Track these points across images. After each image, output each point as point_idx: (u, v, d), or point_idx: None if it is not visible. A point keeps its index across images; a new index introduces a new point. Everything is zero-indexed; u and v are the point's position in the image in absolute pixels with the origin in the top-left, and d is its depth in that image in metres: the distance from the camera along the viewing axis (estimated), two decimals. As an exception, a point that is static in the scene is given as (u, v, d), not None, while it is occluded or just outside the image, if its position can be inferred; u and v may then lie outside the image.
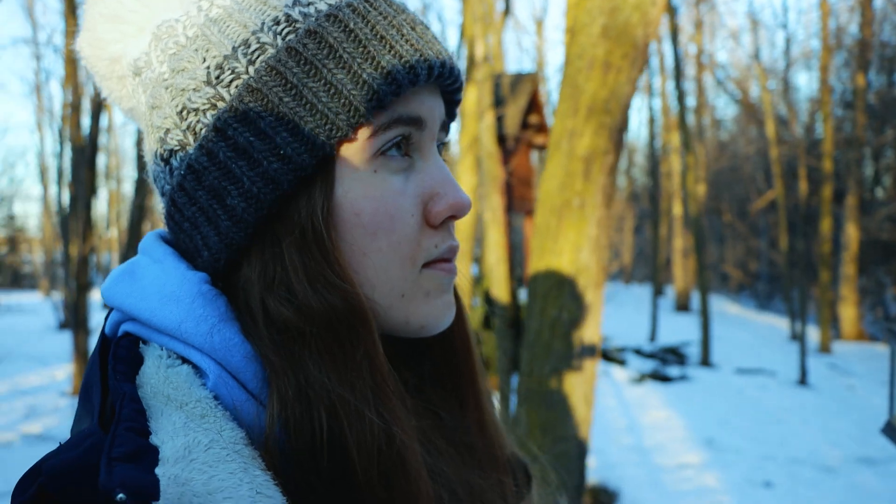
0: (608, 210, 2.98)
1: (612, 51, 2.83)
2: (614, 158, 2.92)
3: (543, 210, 3.04)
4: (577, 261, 2.93)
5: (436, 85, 0.73)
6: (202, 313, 0.64)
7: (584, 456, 3.02)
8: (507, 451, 0.86)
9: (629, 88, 2.89)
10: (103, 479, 0.50)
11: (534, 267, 3.07)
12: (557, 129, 2.99)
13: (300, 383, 0.62)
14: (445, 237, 0.72)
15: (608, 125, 2.86)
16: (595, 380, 3.05)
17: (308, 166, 0.64)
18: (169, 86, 0.68)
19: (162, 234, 0.75)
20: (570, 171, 2.91)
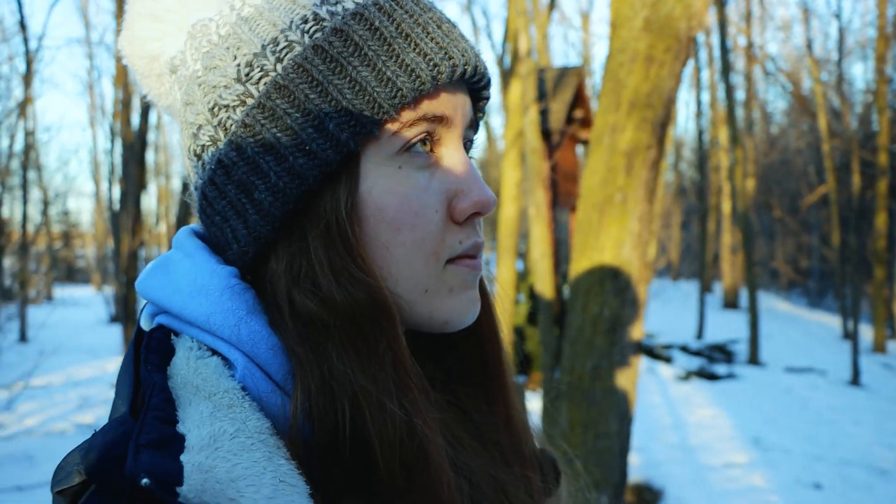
0: (651, 205, 2.94)
1: (655, 44, 2.79)
2: (657, 153, 2.88)
3: (585, 206, 3.01)
4: (619, 256, 2.90)
5: (463, 83, 0.73)
6: (230, 306, 0.65)
7: (626, 453, 3.00)
8: (533, 446, 0.86)
9: (672, 82, 2.85)
10: (129, 465, 0.52)
11: (575, 263, 3.05)
12: (599, 124, 2.96)
13: (324, 375, 0.63)
14: (470, 233, 0.72)
15: (650, 119, 2.82)
16: (637, 377, 3.02)
17: (333, 162, 0.65)
18: (202, 83, 0.69)
19: (195, 229, 0.77)
20: (612, 166, 2.88)
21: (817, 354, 13.44)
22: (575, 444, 2.95)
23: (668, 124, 2.93)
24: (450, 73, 0.68)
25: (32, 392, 9.54)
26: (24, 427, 8.13)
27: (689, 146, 30.61)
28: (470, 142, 0.78)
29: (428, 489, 0.63)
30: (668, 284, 27.70)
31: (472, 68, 0.70)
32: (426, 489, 0.63)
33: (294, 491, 0.57)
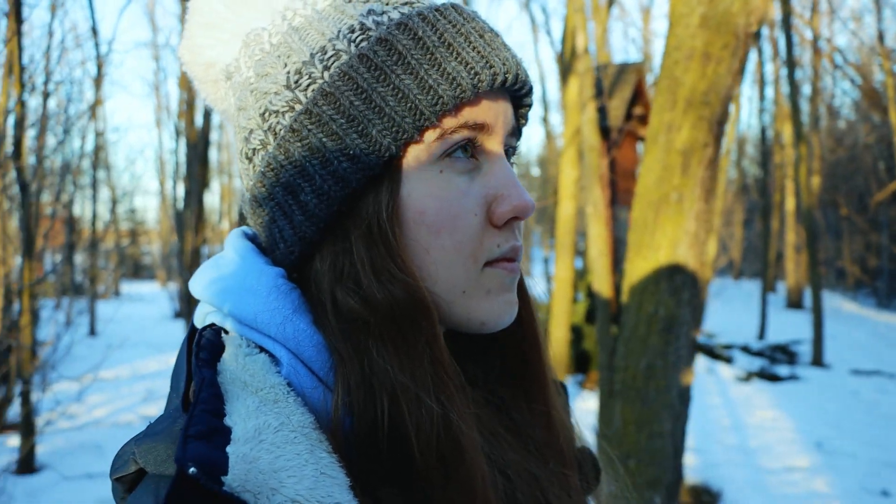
0: (708, 204, 2.91)
1: (712, 41, 2.76)
2: (713, 151, 2.85)
3: (640, 204, 3.00)
4: (675, 256, 2.88)
5: (504, 91, 0.75)
6: (276, 306, 0.68)
7: (680, 454, 2.98)
8: (573, 444, 0.88)
9: (730, 80, 2.81)
10: (178, 455, 0.55)
11: (630, 262, 3.04)
12: (655, 122, 2.94)
13: (364, 371, 0.66)
14: (509, 237, 0.74)
15: (707, 118, 2.80)
16: (692, 377, 2.99)
17: (375, 166, 0.68)
18: (254, 89, 0.73)
19: (246, 231, 0.81)
20: (668, 164, 2.86)
21: (886, 357, 13.02)
22: (628, 442, 2.94)
23: (725, 122, 2.90)
24: (490, 81, 0.70)
25: (101, 384, 9.87)
26: (93, 418, 8.43)
27: (751, 142, 29.94)
28: (512, 148, 0.80)
29: (463, 482, 0.65)
30: (729, 283, 27.13)
31: (512, 76, 0.72)
32: (461, 482, 0.65)
33: (334, 483, 0.59)
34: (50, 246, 15.33)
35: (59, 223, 15.86)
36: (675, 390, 2.91)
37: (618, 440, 3.01)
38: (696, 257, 2.88)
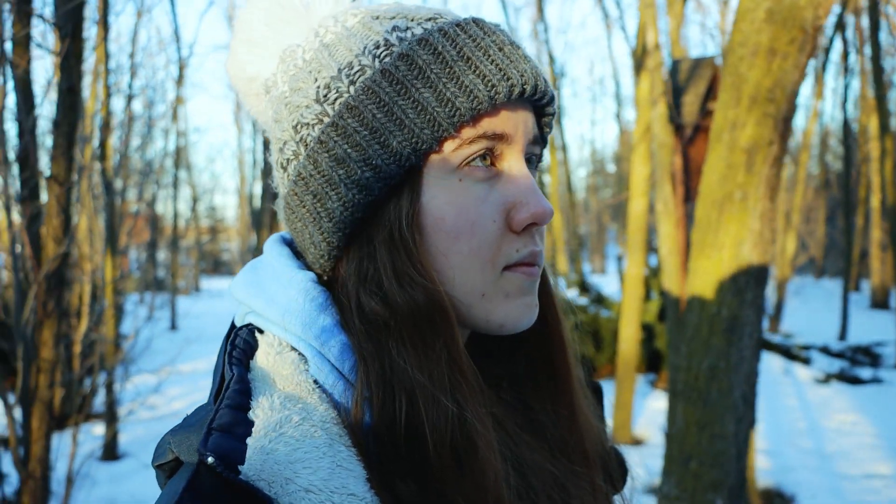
0: (773, 203, 2.85)
1: (778, 36, 2.70)
2: (779, 149, 2.79)
3: (704, 203, 2.96)
4: (739, 255, 2.83)
5: (525, 101, 0.77)
6: (306, 307, 0.73)
7: (744, 457, 2.93)
8: (599, 445, 0.89)
9: (796, 75, 2.75)
10: (200, 446, 0.59)
11: (694, 261, 3.00)
12: (719, 120, 2.90)
13: (385, 370, 0.69)
14: (528, 242, 0.76)
15: (772, 114, 2.74)
16: (756, 378, 2.94)
17: (395, 175, 0.71)
18: (288, 103, 0.77)
19: (284, 236, 0.86)
20: (732, 162, 2.82)
21: (978, 360, 12.40)
22: (690, 443, 2.91)
23: (791, 119, 2.83)
24: (507, 92, 0.72)
25: (179, 377, 10.24)
26: (172, 409, 8.76)
27: (835, 136, 28.86)
28: (535, 156, 0.82)
29: (477, 479, 0.67)
30: (809, 282, 26.24)
31: (531, 87, 0.74)
32: (475, 478, 0.67)
33: (350, 475, 0.63)
34: (134, 243, 15.91)
35: (143, 221, 16.45)
36: (739, 392, 2.86)
37: (679, 441, 2.98)
38: (760, 256, 2.83)
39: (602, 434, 0.95)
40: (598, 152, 37.40)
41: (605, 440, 0.94)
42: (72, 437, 4.82)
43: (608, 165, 40.30)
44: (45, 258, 4.04)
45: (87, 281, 6.63)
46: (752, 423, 2.98)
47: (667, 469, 3.06)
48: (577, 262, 21.62)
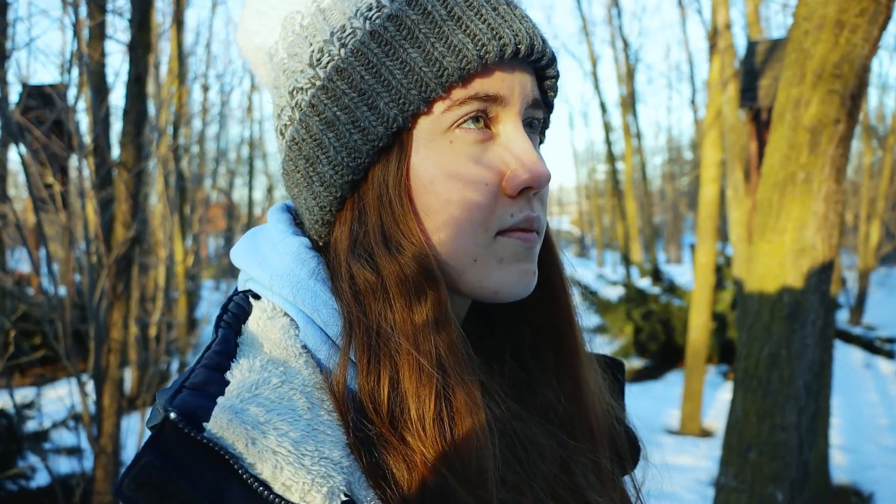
0: (839, 185, 2.72)
1: (847, 8, 2.57)
2: (846, 128, 2.66)
3: (765, 186, 2.85)
4: (801, 239, 2.71)
5: (524, 63, 0.74)
6: (295, 271, 0.72)
7: (808, 449, 2.81)
8: (605, 421, 0.86)
9: (867, 49, 2.61)
10: (166, 402, 0.60)
11: (755, 246, 2.89)
12: (781, 98, 2.78)
13: (370, 335, 0.68)
14: (523, 207, 0.74)
15: (839, 91, 2.61)
16: (820, 368, 2.82)
17: (383, 137, 0.70)
18: (285, 69, 0.77)
19: (288, 204, 0.85)
20: (795, 143, 2.70)
21: None
22: (749, 434, 2.81)
23: (860, 96, 2.69)
24: (498, 52, 0.70)
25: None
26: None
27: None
28: (537, 120, 0.79)
29: (459, 449, 0.66)
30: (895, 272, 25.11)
31: (526, 47, 0.72)
32: (457, 448, 0.66)
33: (328, 439, 0.62)
34: (211, 231, 16.37)
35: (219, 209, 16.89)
36: (801, 381, 2.75)
37: (739, 430, 2.89)
38: (824, 240, 2.70)
39: (613, 410, 0.92)
40: (675, 139, 36.58)
41: (615, 417, 0.91)
42: (141, 416, 4.99)
43: (685, 153, 39.35)
44: (115, 242, 4.18)
45: (162, 266, 6.85)
46: (815, 414, 2.86)
47: (725, 459, 2.97)
48: (651, 251, 21.26)
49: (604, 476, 0.83)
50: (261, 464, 0.58)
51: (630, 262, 17.81)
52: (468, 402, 0.67)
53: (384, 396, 0.66)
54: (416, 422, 0.65)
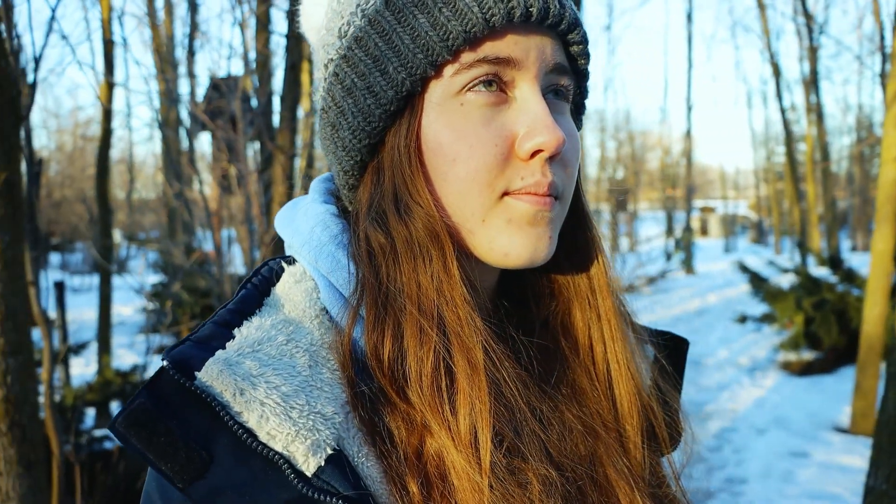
0: None
1: None
2: None
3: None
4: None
5: (542, 26, 0.74)
6: (318, 236, 0.76)
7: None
8: (639, 399, 0.84)
9: None
10: (166, 352, 0.64)
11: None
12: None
13: (379, 295, 0.71)
14: (535, 171, 0.73)
15: None
16: None
17: (393, 101, 0.73)
18: (324, 44, 0.81)
19: (330, 174, 0.89)
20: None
21: None
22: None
23: None
24: (504, 14, 0.70)
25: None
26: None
27: None
28: (563, 87, 0.78)
29: (456, 413, 0.66)
30: None
31: (538, 10, 0.71)
32: (454, 413, 0.67)
33: (323, 395, 0.65)
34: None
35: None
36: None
37: (890, 431, 2.67)
38: None
39: (655, 391, 0.89)
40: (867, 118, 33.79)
41: (656, 398, 0.88)
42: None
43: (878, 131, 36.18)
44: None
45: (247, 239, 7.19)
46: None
47: (875, 460, 2.76)
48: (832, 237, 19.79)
49: (629, 454, 0.82)
50: (247, 413, 0.62)
51: (807, 249, 16.70)
52: (467, 363, 0.68)
53: (387, 353, 0.68)
54: (415, 379, 0.67)
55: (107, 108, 6.56)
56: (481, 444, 0.66)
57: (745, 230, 41.73)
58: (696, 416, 7.45)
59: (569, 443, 0.77)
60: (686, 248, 21.83)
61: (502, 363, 0.71)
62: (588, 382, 0.83)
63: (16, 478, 2.42)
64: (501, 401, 0.70)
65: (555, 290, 0.86)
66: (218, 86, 6.96)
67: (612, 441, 0.81)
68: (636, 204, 32.98)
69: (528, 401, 0.73)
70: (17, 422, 2.40)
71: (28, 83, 3.26)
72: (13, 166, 2.44)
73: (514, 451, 0.70)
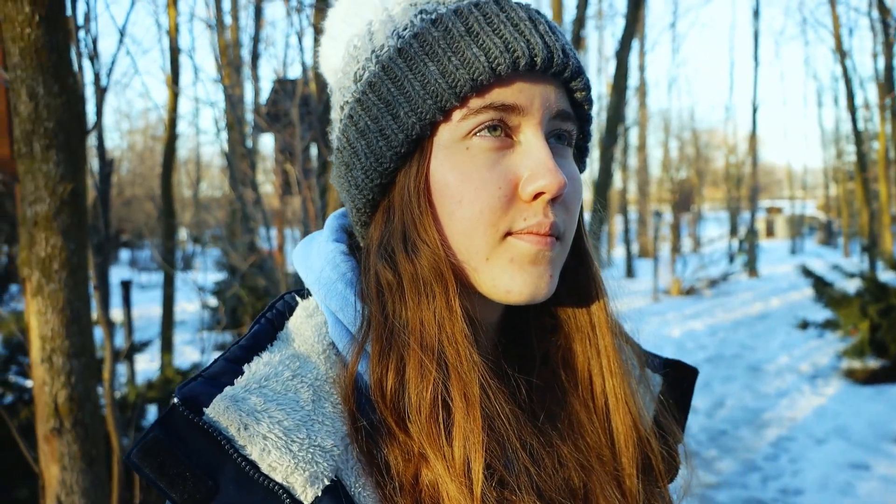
0: None
1: None
2: None
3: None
4: None
5: (547, 75, 0.78)
6: (328, 275, 0.81)
7: None
8: (636, 432, 0.86)
9: None
10: (178, 389, 0.70)
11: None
12: None
13: (384, 331, 0.75)
14: (538, 212, 0.76)
15: None
16: None
17: (403, 143, 0.77)
18: (340, 86, 0.86)
19: (344, 210, 0.94)
20: None
21: None
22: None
23: None
24: (510, 64, 0.74)
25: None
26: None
27: None
28: (566, 132, 0.82)
29: (449, 436, 0.71)
30: None
31: (542, 60, 0.75)
32: (447, 435, 0.71)
33: (324, 429, 0.69)
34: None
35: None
36: None
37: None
38: None
39: (658, 426, 0.92)
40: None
41: (654, 432, 0.91)
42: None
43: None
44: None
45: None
46: None
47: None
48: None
49: (623, 486, 0.85)
50: (251, 446, 0.66)
51: (876, 253, 16.14)
52: (463, 397, 0.72)
53: (390, 385, 0.73)
54: (415, 411, 0.72)
55: (171, 118, 6.78)
56: (474, 474, 0.70)
57: (812, 231, 40.54)
58: (752, 424, 7.32)
59: (560, 477, 0.79)
60: (749, 250, 21.37)
61: (497, 398, 0.75)
62: (586, 415, 0.86)
63: (79, 472, 2.55)
64: (493, 435, 0.73)
65: (557, 324, 0.89)
66: (280, 88, 7.14)
67: (607, 473, 0.84)
68: (699, 204, 32.34)
69: (519, 436, 0.76)
70: (79, 420, 2.54)
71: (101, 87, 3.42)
72: (79, 177, 2.58)
73: (504, 484, 0.73)
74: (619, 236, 32.57)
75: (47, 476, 2.56)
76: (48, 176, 2.46)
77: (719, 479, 5.87)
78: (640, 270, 23.11)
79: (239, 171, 6.43)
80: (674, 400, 0.98)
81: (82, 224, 2.58)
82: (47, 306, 2.50)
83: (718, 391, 8.64)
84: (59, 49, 2.46)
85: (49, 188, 2.47)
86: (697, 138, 31.85)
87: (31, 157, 2.46)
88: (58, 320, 2.51)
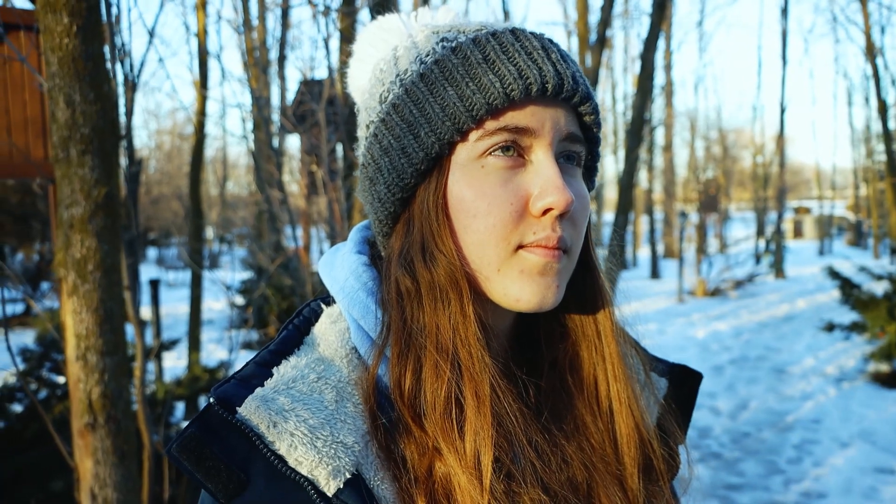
0: None
1: None
2: None
3: None
4: None
5: (558, 100, 0.84)
6: (351, 284, 0.88)
7: None
8: (638, 434, 0.91)
9: None
10: (213, 389, 0.77)
11: None
12: None
13: (403, 335, 0.81)
14: (545, 227, 0.82)
15: None
16: None
17: (423, 161, 0.83)
18: (366, 106, 0.92)
19: (368, 222, 1.00)
20: None
21: None
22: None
23: None
24: (523, 90, 0.80)
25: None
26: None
27: None
28: (575, 153, 0.87)
29: (461, 432, 0.77)
30: None
31: (553, 86, 0.81)
32: (459, 431, 0.77)
33: (346, 427, 0.76)
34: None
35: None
36: None
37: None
38: None
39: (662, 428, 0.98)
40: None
41: (656, 435, 0.96)
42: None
43: None
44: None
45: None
46: None
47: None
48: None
49: (625, 485, 0.90)
50: (279, 442, 0.72)
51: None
52: (475, 396, 0.78)
53: (408, 385, 0.79)
54: (430, 408, 0.78)
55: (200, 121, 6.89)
56: (483, 466, 0.76)
57: (842, 232, 40.06)
58: (775, 426, 7.30)
59: (564, 473, 0.85)
60: (776, 251, 21.19)
61: (505, 397, 0.80)
62: (591, 417, 0.92)
63: (111, 466, 2.64)
64: (502, 431, 0.79)
65: (565, 332, 0.95)
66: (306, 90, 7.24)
67: (609, 472, 0.89)
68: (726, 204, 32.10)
69: (526, 433, 0.81)
70: (112, 416, 2.63)
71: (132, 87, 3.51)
72: (113, 181, 2.67)
73: (511, 476, 0.79)
74: (645, 237, 32.52)
75: (82, 469, 2.65)
76: (84, 180, 2.56)
77: (742, 481, 5.87)
78: (665, 271, 23.04)
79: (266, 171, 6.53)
80: (678, 403, 1.03)
81: (115, 227, 2.67)
82: (82, 306, 2.59)
83: (742, 393, 8.61)
84: (94, 58, 2.55)
85: (84, 192, 2.56)
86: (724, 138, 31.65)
87: (68, 161, 2.55)
88: (92, 319, 2.60)
